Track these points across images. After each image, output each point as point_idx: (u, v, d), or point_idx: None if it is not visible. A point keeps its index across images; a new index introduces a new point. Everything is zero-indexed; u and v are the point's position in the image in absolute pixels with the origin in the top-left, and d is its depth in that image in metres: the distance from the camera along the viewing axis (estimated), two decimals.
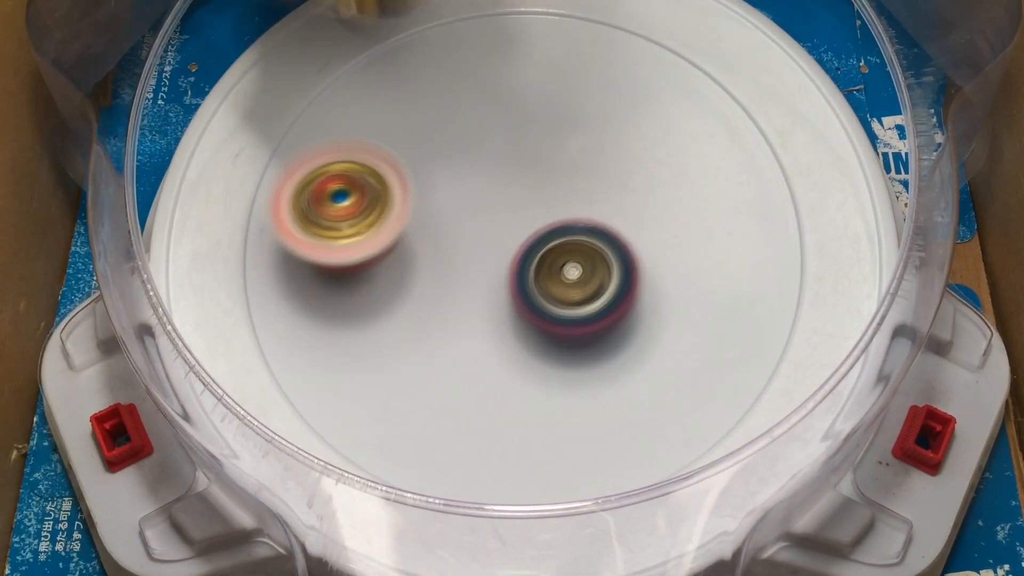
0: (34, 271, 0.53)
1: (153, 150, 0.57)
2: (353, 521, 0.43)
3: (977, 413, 0.47)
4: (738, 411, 0.47)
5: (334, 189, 0.48)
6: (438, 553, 0.44)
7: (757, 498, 0.43)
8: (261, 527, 0.45)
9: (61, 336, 0.50)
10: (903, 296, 0.45)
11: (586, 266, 0.48)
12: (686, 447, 0.46)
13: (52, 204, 0.55)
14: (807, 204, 0.51)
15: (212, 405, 0.44)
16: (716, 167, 0.52)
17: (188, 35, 0.60)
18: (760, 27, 0.55)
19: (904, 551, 0.45)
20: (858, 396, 0.45)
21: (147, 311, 0.45)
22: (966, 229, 0.56)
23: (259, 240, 0.51)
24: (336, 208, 0.47)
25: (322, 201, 0.47)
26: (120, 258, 0.47)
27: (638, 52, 0.55)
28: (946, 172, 0.46)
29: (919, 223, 0.45)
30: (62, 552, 0.49)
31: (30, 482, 0.50)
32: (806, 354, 0.48)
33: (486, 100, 0.55)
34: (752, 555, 0.44)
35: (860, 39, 0.59)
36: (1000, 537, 0.48)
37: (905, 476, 0.46)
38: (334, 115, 0.54)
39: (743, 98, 0.54)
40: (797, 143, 0.52)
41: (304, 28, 0.56)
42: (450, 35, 0.56)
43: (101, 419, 0.47)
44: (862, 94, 0.58)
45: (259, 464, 0.43)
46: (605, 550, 0.44)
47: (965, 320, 0.49)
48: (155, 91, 0.59)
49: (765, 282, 0.50)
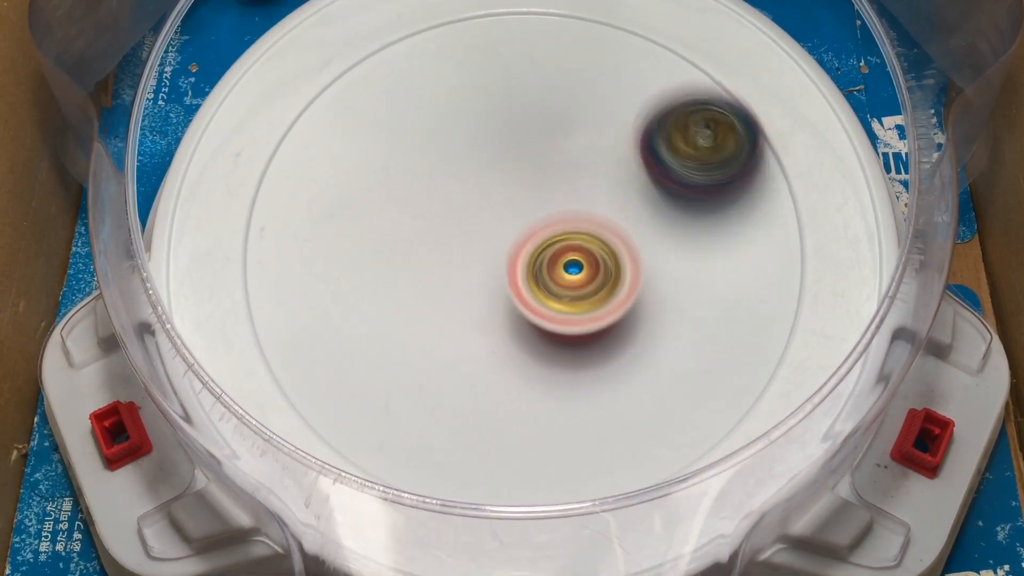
0: (34, 271, 0.53)
1: (153, 150, 0.58)
2: (350, 520, 0.43)
3: (976, 416, 0.48)
4: (737, 413, 0.47)
5: (569, 259, 0.49)
6: (435, 553, 0.44)
7: (754, 500, 0.43)
8: (259, 526, 0.45)
9: (62, 333, 0.50)
10: (902, 299, 0.45)
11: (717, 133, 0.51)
12: (684, 449, 0.46)
13: (52, 204, 0.55)
14: (807, 205, 0.51)
15: (210, 404, 0.44)
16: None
17: (188, 35, 0.61)
18: (761, 28, 0.55)
19: (902, 554, 0.45)
20: (857, 399, 0.45)
21: (147, 309, 0.46)
22: (966, 229, 0.56)
23: (259, 239, 0.51)
24: (567, 278, 0.48)
25: (555, 268, 0.48)
26: (120, 256, 0.47)
27: (639, 52, 0.55)
28: (946, 175, 0.47)
29: (919, 226, 0.46)
30: (62, 552, 0.49)
31: (30, 482, 0.51)
32: (805, 356, 0.48)
33: (487, 100, 0.55)
34: (749, 557, 0.44)
35: (860, 39, 0.59)
36: (1000, 537, 0.49)
37: (903, 479, 0.46)
38: (335, 115, 0.54)
39: (744, 99, 0.53)
40: (798, 144, 0.52)
41: (304, 29, 0.56)
42: (451, 35, 0.56)
43: (100, 417, 0.47)
44: (862, 94, 0.58)
45: (257, 463, 0.43)
46: (603, 552, 0.44)
47: (965, 323, 0.49)
48: (155, 91, 0.59)
49: (765, 284, 0.50)
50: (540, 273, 0.48)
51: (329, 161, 0.53)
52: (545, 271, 0.48)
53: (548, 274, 0.48)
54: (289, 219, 0.52)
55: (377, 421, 0.48)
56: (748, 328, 0.49)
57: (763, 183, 0.51)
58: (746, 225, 0.51)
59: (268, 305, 0.50)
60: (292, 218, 0.52)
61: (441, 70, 0.55)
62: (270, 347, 0.49)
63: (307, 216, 0.52)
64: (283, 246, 0.51)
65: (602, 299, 0.48)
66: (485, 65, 0.56)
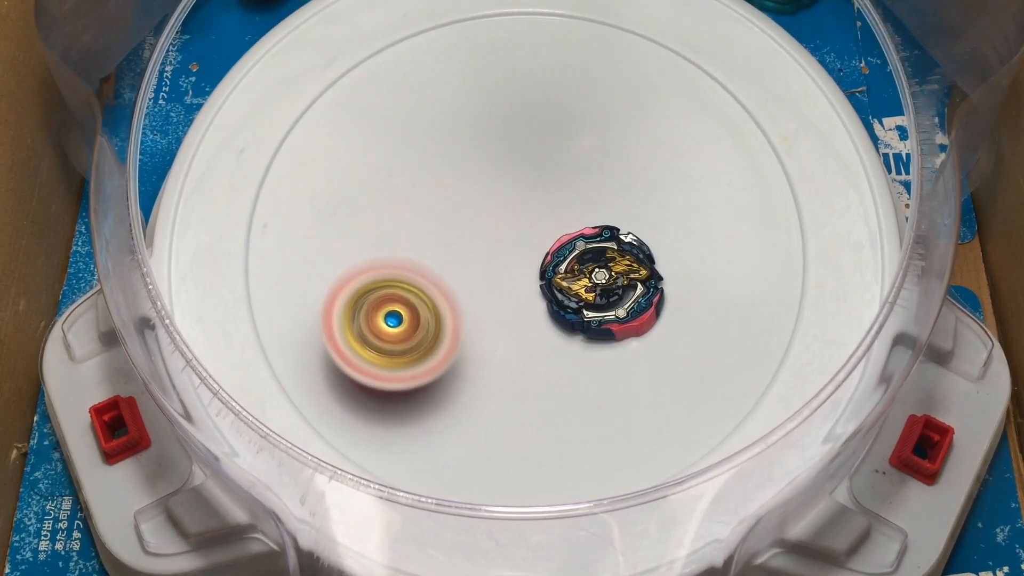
0: (34, 270, 0.54)
1: (154, 149, 0.58)
2: (346, 518, 0.44)
3: (976, 424, 0.48)
4: (736, 416, 0.48)
5: (389, 310, 0.48)
6: (430, 552, 0.44)
7: (751, 505, 0.44)
8: (255, 523, 0.45)
9: (63, 327, 0.50)
10: (903, 305, 0.45)
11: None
12: (683, 452, 0.47)
13: (53, 203, 0.56)
14: (810, 210, 0.52)
15: (208, 400, 0.45)
16: (720, 171, 0.53)
17: (189, 35, 0.61)
18: (767, 31, 0.56)
19: (899, 561, 0.45)
20: (856, 403, 0.46)
21: (147, 304, 0.46)
22: (967, 230, 0.56)
23: (261, 236, 0.52)
24: (389, 331, 0.48)
25: (373, 320, 0.48)
26: (122, 251, 0.47)
27: (644, 55, 0.56)
28: (949, 181, 0.47)
29: (920, 231, 0.46)
30: (62, 551, 0.50)
31: (30, 481, 0.51)
32: (805, 360, 0.48)
33: (491, 100, 0.55)
34: (745, 561, 0.45)
35: (861, 40, 0.60)
36: (1000, 539, 0.49)
37: (902, 485, 0.47)
38: (338, 113, 0.55)
39: (748, 102, 0.54)
40: (802, 148, 0.53)
41: (309, 27, 0.56)
42: (454, 35, 0.57)
43: (100, 411, 0.48)
44: (864, 95, 0.59)
45: (253, 460, 0.43)
46: (598, 553, 0.44)
47: (966, 330, 0.49)
48: (156, 91, 0.60)
49: (766, 287, 0.50)
50: (362, 327, 0.47)
51: (332, 159, 0.54)
52: (366, 323, 0.47)
53: (368, 327, 0.47)
54: (291, 216, 0.53)
55: (376, 419, 0.48)
56: (749, 332, 0.50)
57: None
58: (749, 229, 0.52)
59: (269, 301, 0.51)
60: (294, 215, 0.53)
61: (445, 70, 0.56)
62: (271, 343, 0.50)
63: (309, 213, 0.53)
64: (285, 243, 0.52)
65: (427, 351, 0.47)
66: (489, 65, 0.56)
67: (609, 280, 0.50)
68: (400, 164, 0.54)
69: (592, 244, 0.51)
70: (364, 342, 0.47)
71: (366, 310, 0.48)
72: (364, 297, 0.48)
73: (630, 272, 0.50)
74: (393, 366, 0.47)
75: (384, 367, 0.47)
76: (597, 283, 0.50)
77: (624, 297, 0.50)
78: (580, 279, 0.50)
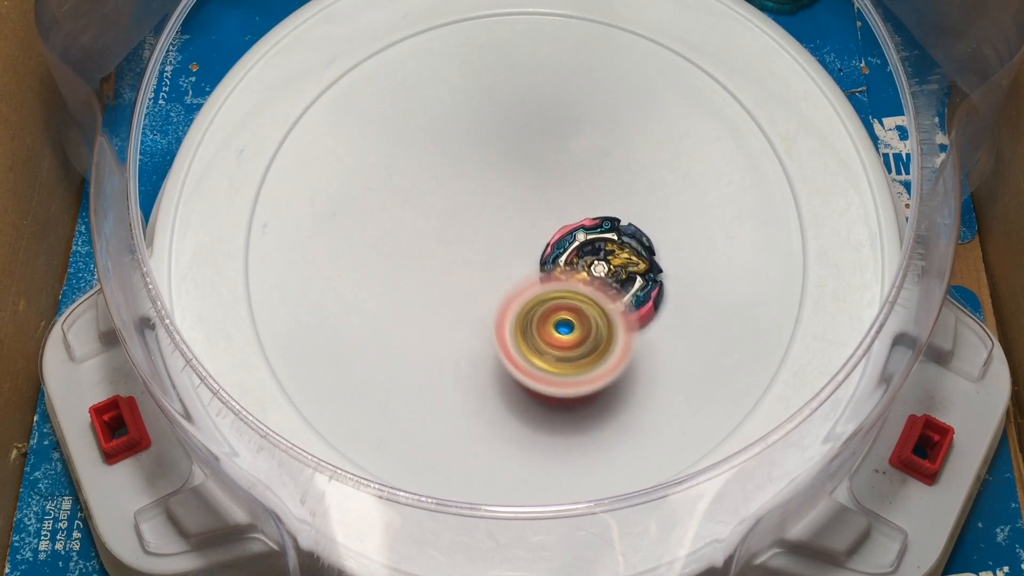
0: (34, 270, 0.54)
1: (154, 149, 0.59)
2: (346, 518, 0.44)
3: (976, 424, 0.48)
4: (736, 416, 0.48)
5: (559, 318, 0.48)
6: (430, 552, 0.44)
7: (751, 505, 0.44)
8: (255, 523, 0.46)
9: (63, 327, 0.51)
10: (903, 305, 0.45)
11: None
12: (682, 452, 0.47)
13: (52, 203, 0.56)
14: (810, 210, 0.52)
15: (208, 400, 0.45)
16: (720, 171, 0.53)
17: (189, 35, 0.62)
18: (767, 31, 0.56)
19: (899, 561, 0.46)
20: (856, 403, 0.46)
21: (147, 304, 0.46)
22: (967, 230, 0.57)
23: (261, 236, 0.52)
24: (558, 338, 0.48)
25: (545, 327, 0.48)
26: (122, 251, 0.47)
27: (644, 55, 0.56)
28: (949, 182, 0.47)
29: (920, 231, 0.46)
30: (62, 551, 0.50)
31: (30, 481, 0.52)
32: (805, 360, 0.49)
33: (491, 100, 0.56)
34: (745, 561, 0.45)
35: (861, 40, 0.60)
36: (1000, 539, 0.50)
37: (902, 485, 0.47)
38: (339, 113, 0.55)
39: (749, 102, 0.54)
40: (802, 148, 0.53)
41: (310, 26, 0.57)
42: (455, 35, 0.57)
43: (100, 411, 0.48)
44: (864, 95, 0.59)
45: (253, 459, 0.44)
46: (598, 553, 0.44)
47: (966, 330, 0.50)
48: (156, 91, 0.60)
49: (766, 287, 0.51)
50: (531, 333, 0.48)
51: (332, 159, 0.54)
52: (536, 330, 0.48)
53: (539, 333, 0.48)
54: (291, 216, 0.53)
55: (376, 419, 0.49)
56: (749, 331, 0.50)
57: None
58: (749, 229, 0.52)
59: (269, 301, 0.51)
60: (294, 215, 0.53)
61: (445, 69, 0.56)
62: (270, 343, 0.50)
63: (309, 213, 0.53)
64: (285, 243, 0.52)
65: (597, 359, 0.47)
66: (489, 65, 0.56)
67: (608, 274, 0.51)
68: (400, 164, 0.54)
69: (592, 235, 0.51)
70: (538, 353, 0.48)
71: (536, 322, 0.48)
72: (532, 311, 0.48)
73: (628, 265, 0.51)
74: (570, 372, 0.47)
75: (562, 374, 0.47)
76: (596, 277, 0.50)
77: (623, 291, 0.51)
78: (579, 273, 0.51)
